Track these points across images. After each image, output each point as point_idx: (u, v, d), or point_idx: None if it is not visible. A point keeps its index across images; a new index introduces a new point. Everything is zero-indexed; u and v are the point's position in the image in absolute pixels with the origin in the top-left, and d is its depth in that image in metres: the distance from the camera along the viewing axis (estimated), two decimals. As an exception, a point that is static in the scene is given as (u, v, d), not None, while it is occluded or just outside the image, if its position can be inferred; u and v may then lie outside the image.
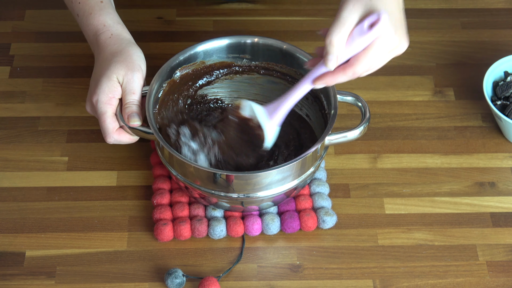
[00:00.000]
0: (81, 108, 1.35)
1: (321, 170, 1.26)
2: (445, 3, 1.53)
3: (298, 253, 1.19)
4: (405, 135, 1.33)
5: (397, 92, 1.39)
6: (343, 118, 1.34)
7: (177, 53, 1.22)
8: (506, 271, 1.17)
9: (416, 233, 1.21)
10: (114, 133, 1.15)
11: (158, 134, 1.13)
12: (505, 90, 1.30)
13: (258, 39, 1.23)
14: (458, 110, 1.36)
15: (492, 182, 1.27)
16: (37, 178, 1.27)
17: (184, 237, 1.19)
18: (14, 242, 1.19)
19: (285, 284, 1.16)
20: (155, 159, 1.26)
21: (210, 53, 1.24)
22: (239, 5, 1.52)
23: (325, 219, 1.19)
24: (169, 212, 1.20)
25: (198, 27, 1.48)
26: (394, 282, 1.16)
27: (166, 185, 1.24)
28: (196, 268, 1.17)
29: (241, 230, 1.19)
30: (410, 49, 1.44)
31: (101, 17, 1.20)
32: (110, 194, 1.25)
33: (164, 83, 1.21)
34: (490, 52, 1.44)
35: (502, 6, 1.52)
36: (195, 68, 1.24)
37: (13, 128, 1.33)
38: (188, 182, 1.14)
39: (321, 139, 1.12)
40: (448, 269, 1.17)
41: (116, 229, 1.21)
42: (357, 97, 1.17)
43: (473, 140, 1.32)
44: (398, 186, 1.26)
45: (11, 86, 1.39)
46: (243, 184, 1.12)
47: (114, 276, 1.16)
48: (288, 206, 1.22)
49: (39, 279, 1.16)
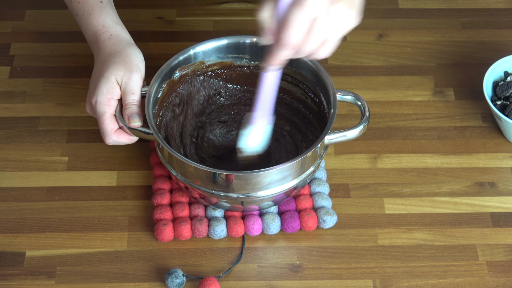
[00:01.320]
0: (81, 108, 1.35)
1: (321, 170, 1.26)
2: (445, 3, 1.53)
3: (298, 253, 1.19)
4: (405, 135, 1.33)
5: (397, 92, 1.39)
6: (343, 118, 1.34)
7: (177, 53, 1.22)
8: (506, 271, 1.17)
9: (416, 233, 1.21)
10: (113, 134, 1.15)
11: (157, 135, 1.13)
12: (505, 90, 1.30)
13: (257, 39, 1.24)
14: (458, 110, 1.36)
15: (492, 182, 1.27)
16: (37, 178, 1.27)
17: (184, 237, 1.19)
18: (14, 242, 1.19)
19: (285, 284, 1.16)
20: (155, 159, 1.26)
21: (209, 53, 1.24)
22: (239, 5, 1.52)
23: (325, 219, 1.19)
24: (169, 212, 1.20)
25: (198, 27, 1.48)
26: (394, 282, 1.16)
27: (166, 185, 1.24)
28: (196, 268, 1.17)
29: (241, 230, 1.19)
30: (410, 49, 1.45)
31: (101, 17, 1.20)
32: (110, 194, 1.25)
33: (163, 83, 1.21)
34: (490, 52, 1.44)
35: (502, 6, 1.52)
36: (194, 68, 1.24)
37: (13, 128, 1.33)
38: (188, 182, 1.14)
39: (320, 138, 1.12)
40: (448, 269, 1.17)
41: (116, 229, 1.21)
42: (356, 96, 1.17)
43: (473, 140, 1.32)
44: (398, 186, 1.26)
45: (11, 86, 1.39)
46: (243, 184, 1.12)
47: (114, 276, 1.16)
48: (288, 206, 1.22)
49: (39, 279, 1.16)
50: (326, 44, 1.02)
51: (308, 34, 1.00)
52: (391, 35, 1.47)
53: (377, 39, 1.46)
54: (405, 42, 1.46)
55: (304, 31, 0.99)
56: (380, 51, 1.44)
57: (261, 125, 1.15)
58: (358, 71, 1.41)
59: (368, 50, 1.44)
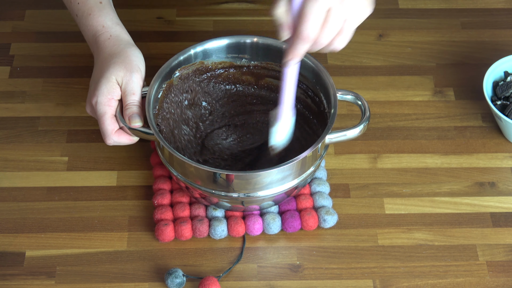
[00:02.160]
0: (81, 108, 1.35)
1: (321, 170, 1.26)
2: (445, 3, 1.53)
3: (298, 253, 1.19)
4: (405, 135, 1.33)
5: (397, 92, 1.39)
6: (343, 118, 1.34)
7: (177, 53, 1.22)
8: (506, 271, 1.17)
9: (416, 233, 1.21)
10: (114, 135, 1.15)
11: (158, 135, 1.13)
12: (505, 90, 1.30)
13: (257, 39, 1.24)
14: (458, 110, 1.36)
15: (492, 182, 1.27)
16: (37, 178, 1.27)
17: (185, 238, 1.19)
18: (14, 242, 1.19)
19: (285, 284, 1.16)
20: (155, 159, 1.26)
21: (209, 53, 1.24)
22: (239, 5, 1.52)
23: (326, 218, 1.19)
24: (170, 213, 1.20)
25: (198, 27, 1.48)
26: (394, 282, 1.16)
27: (167, 185, 1.24)
28: (196, 268, 1.17)
29: (242, 230, 1.19)
30: (410, 49, 1.45)
31: (100, 18, 1.20)
32: (110, 194, 1.25)
33: (163, 83, 1.21)
34: (490, 52, 1.44)
35: (502, 6, 1.52)
36: (194, 68, 1.24)
37: (13, 128, 1.33)
38: (189, 182, 1.14)
39: (321, 138, 1.12)
40: (448, 269, 1.17)
41: (116, 229, 1.21)
42: (357, 96, 1.17)
43: (473, 140, 1.32)
44: (398, 186, 1.26)
45: (11, 86, 1.39)
46: (244, 184, 1.12)
47: (114, 276, 1.16)
48: (289, 206, 1.22)
49: (39, 279, 1.16)
50: (342, 34, 1.04)
51: (324, 25, 1.02)
52: (391, 35, 1.47)
53: (377, 39, 1.46)
54: (405, 42, 1.46)
55: (320, 23, 1.02)
56: (380, 51, 1.44)
57: (286, 119, 1.16)
58: (358, 71, 1.41)
59: (368, 50, 1.44)
